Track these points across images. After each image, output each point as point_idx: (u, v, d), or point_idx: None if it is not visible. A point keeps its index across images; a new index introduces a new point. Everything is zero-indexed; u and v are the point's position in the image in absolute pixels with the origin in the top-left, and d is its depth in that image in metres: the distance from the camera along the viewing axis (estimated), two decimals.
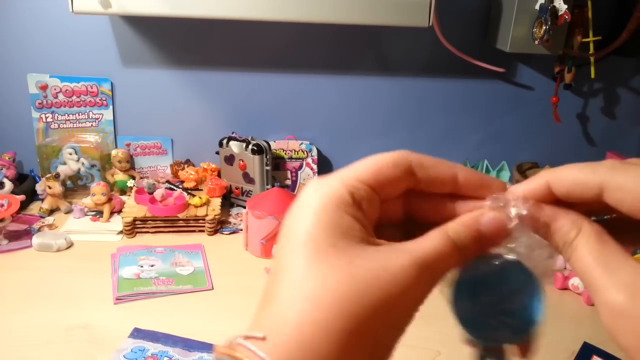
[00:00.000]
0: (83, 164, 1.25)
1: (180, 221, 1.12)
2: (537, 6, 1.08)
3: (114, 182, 1.26)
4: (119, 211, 1.16)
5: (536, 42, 1.09)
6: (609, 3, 1.20)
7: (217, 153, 1.26)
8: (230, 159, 1.24)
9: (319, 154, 1.33)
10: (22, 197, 1.08)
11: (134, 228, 1.11)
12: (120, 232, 1.11)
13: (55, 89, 1.23)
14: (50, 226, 1.13)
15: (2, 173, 1.18)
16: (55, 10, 1.16)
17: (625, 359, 0.25)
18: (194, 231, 1.13)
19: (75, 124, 1.27)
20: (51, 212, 1.18)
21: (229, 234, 1.14)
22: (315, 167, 1.31)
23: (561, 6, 1.05)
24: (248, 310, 0.27)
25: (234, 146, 1.21)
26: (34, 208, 1.19)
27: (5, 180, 1.15)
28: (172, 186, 1.21)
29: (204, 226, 1.12)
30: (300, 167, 1.31)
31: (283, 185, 1.30)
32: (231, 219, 1.20)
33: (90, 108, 1.26)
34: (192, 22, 1.19)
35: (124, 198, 1.21)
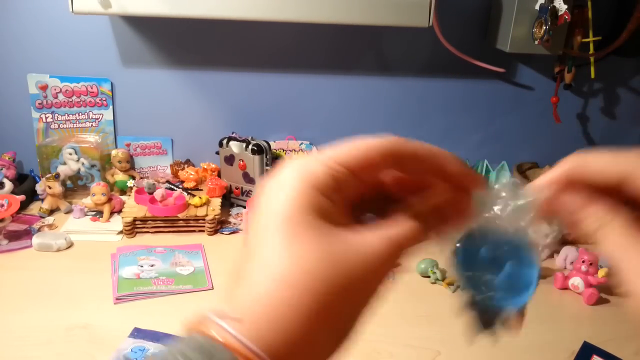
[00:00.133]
0: (83, 164, 1.25)
1: (180, 221, 1.12)
2: (537, 6, 1.08)
3: (114, 182, 1.26)
4: (119, 211, 1.16)
5: (536, 42, 1.09)
6: (609, 3, 1.20)
7: (217, 153, 1.26)
8: (230, 159, 1.24)
9: None
10: (22, 197, 1.08)
11: (134, 228, 1.11)
12: (120, 232, 1.11)
13: (55, 89, 1.23)
14: (50, 226, 1.13)
15: (2, 173, 1.18)
16: (55, 10, 1.16)
17: (627, 358, 0.25)
18: (194, 231, 1.13)
19: (75, 124, 1.27)
20: (51, 212, 1.18)
21: (229, 234, 1.14)
22: None
23: (561, 6, 1.05)
24: None
25: (234, 146, 1.21)
26: (34, 208, 1.19)
27: (5, 181, 1.15)
28: (172, 186, 1.21)
29: (204, 226, 1.12)
30: None
31: None
32: (231, 219, 1.20)
33: (90, 108, 1.26)
34: (192, 22, 1.19)
35: (124, 198, 1.21)
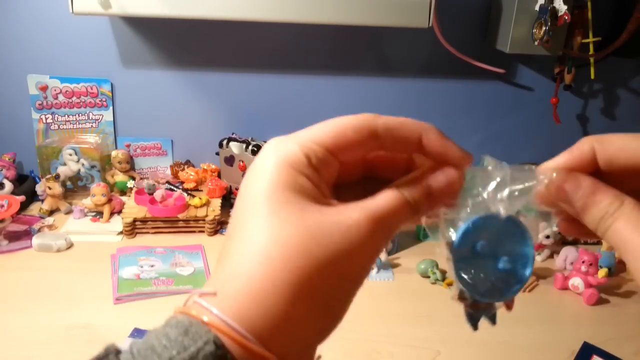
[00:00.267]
0: (83, 164, 1.25)
1: (180, 222, 1.12)
2: (537, 7, 1.08)
3: (114, 183, 1.26)
4: (119, 212, 1.16)
5: (536, 43, 1.09)
6: (609, 4, 1.20)
7: (217, 154, 1.26)
8: (230, 160, 1.24)
9: None
10: (22, 198, 1.08)
11: (134, 229, 1.11)
12: (120, 233, 1.11)
13: (55, 90, 1.23)
14: (50, 227, 1.13)
15: (2, 174, 1.18)
16: (55, 11, 1.16)
17: (627, 358, 0.24)
18: (194, 232, 1.13)
19: (75, 125, 1.27)
20: (51, 213, 1.18)
21: None
22: None
23: (561, 7, 1.05)
24: None
25: (234, 147, 1.21)
26: (34, 209, 1.19)
27: (5, 181, 1.15)
28: (172, 187, 1.21)
29: (204, 227, 1.12)
30: None
31: None
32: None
33: (90, 109, 1.26)
34: (192, 23, 1.19)
35: (124, 199, 1.21)
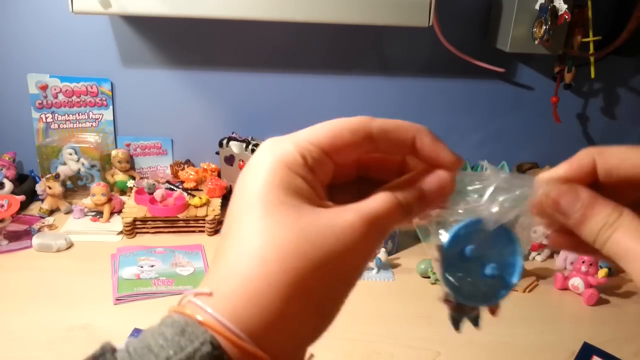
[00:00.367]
0: (83, 164, 1.25)
1: (180, 221, 1.12)
2: (537, 6, 1.08)
3: (114, 183, 1.26)
4: (119, 211, 1.16)
5: (536, 42, 1.09)
6: (609, 3, 1.20)
7: (217, 153, 1.26)
8: (230, 159, 1.24)
9: None
10: (22, 198, 1.08)
11: (134, 228, 1.11)
12: (120, 233, 1.11)
13: (55, 89, 1.23)
14: (50, 226, 1.13)
15: (2, 173, 1.18)
16: (55, 10, 1.16)
17: (627, 358, 0.24)
18: (194, 231, 1.13)
19: (75, 124, 1.27)
20: (51, 213, 1.18)
21: None
22: None
23: (561, 6, 1.05)
24: None
25: (234, 146, 1.21)
26: (34, 208, 1.19)
27: (5, 181, 1.15)
28: (172, 186, 1.21)
29: (204, 226, 1.12)
30: None
31: None
32: None
33: (90, 108, 1.26)
34: (192, 22, 1.19)
35: (124, 198, 1.21)
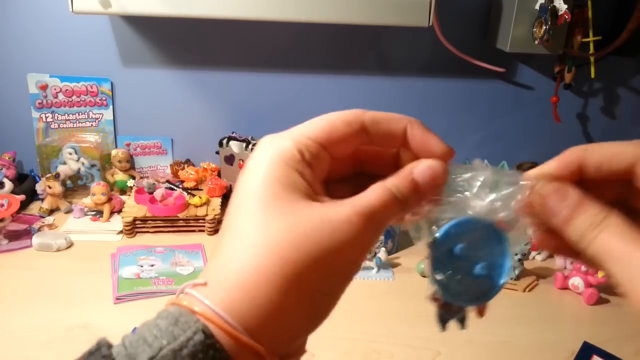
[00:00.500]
0: (83, 163, 1.25)
1: (180, 221, 1.12)
2: (537, 6, 1.08)
3: (114, 182, 1.26)
4: (119, 211, 1.16)
5: (536, 42, 1.09)
6: (609, 3, 1.20)
7: (217, 153, 1.26)
8: (230, 159, 1.24)
9: None
10: (22, 197, 1.08)
11: (134, 228, 1.11)
12: (120, 232, 1.11)
13: (55, 89, 1.23)
14: (50, 226, 1.13)
15: (2, 173, 1.18)
16: (55, 10, 1.16)
17: (627, 358, 0.24)
18: (194, 231, 1.13)
19: (75, 124, 1.27)
20: (51, 212, 1.18)
21: None
22: None
23: (561, 6, 1.05)
24: None
25: (234, 146, 1.21)
26: (34, 208, 1.19)
27: (5, 180, 1.15)
28: (172, 186, 1.21)
29: (204, 226, 1.12)
30: None
31: None
32: None
33: (90, 108, 1.26)
34: (192, 22, 1.19)
35: (124, 198, 1.21)
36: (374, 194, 0.28)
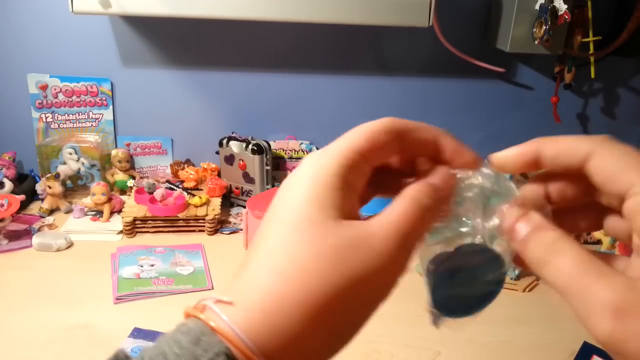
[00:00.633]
0: (83, 163, 1.25)
1: (180, 221, 1.12)
2: (537, 6, 1.08)
3: (114, 182, 1.26)
4: (119, 211, 1.16)
5: (536, 42, 1.09)
6: (609, 3, 1.20)
7: (217, 153, 1.26)
8: (230, 159, 1.24)
9: None
10: (22, 197, 1.08)
11: (134, 228, 1.11)
12: (120, 232, 1.11)
13: (55, 89, 1.23)
14: (50, 226, 1.13)
15: (2, 173, 1.18)
16: (55, 10, 1.16)
17: None
18: (194, 231, 1.13)
19: (75, 124, 1.27)
20: (51, 212, 1.18)
21: (229, 233, 1.14)
22: None
23: (561, 6, 1.05)
24: None
25: (234, 146, 1.21)
26: (34, 208, 1.19)
27: (5, 180, 1.15)
28: (172, 186, 1.21)
29: (204, 226, 1.12)
30: None
31: None
32: (231, 219, 1.20)
33: (90, 108, 1.26)
34: (192, 22, 1.19)
35: (124, 198, 1.21)
36: (401, 208, 0.28)
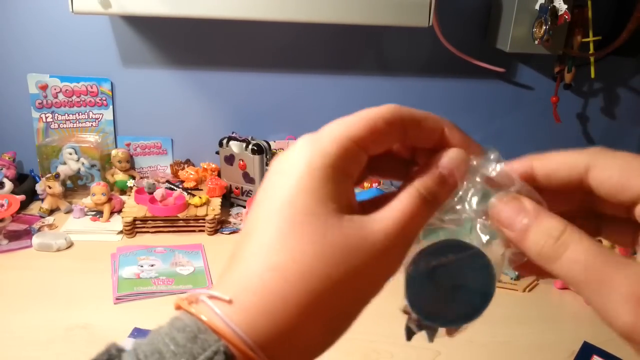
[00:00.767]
0: (83, 163, 1.25)
1: (180, 221, 1.12)
2: (537, 6, 1.08)
3: (114, 182, 1.26)
4: (119, 211, 1.16)
5: (536, 42, 1.09)
6: (609, 3, 1.20)
7: (217, 153, 1.26)
8: (230, 159, 1.24)
9: None
10: (22, 197, 1.08)
11: (134, 228, 1.11)
12: (120, 232, 1.11)
13: (55, 89, 1.23)
14: (50, 226, 1.13)
15: (2, 173, 1.18)
16: (55, 10, 1.16)
17: (627, 358, 0.23)
18: (194, 231, 1.13)
19: (75, 124, 1.27)
20: (51, 212, 1.18)
21: (229, 233, 1.14)
22: None
23: (561, 6, 1.05)
24: None
25: (234, 146, 1.21)
26: (34, 208, 1.19)
27: (5, 180, 1.15)
28: (172, 186, 1.21)
29: (204, 226, 1.12)
30: None
31: None
32: (231, 219, 1.20)
33: (90, 108, 1.26)
34: (193, 22, 1.19)
35: (124, 198, 1.21)
36: (404, 204, 0.27)
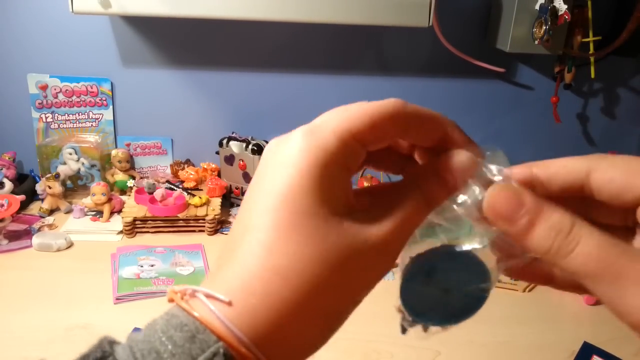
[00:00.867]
0: (83, 164, 1.25)
1: (180, 221, 1.12)
2: (537, 6, 1.08)
3: (114, 182, 1.26)
4: (119, 211, 1.16)
5: (536, 42, 1.09)
6: (609, 3, 1.20)
7: (217, 153, 1.26)
8: (230, 159, 1.24)
9: None
10: (22, 197, 1.08)
11: (134, 228, 1.11)
12: (120, 232, 1.11)
13: (55, 89, 1.23)
14: (50, 226, 1.13)
15: (2, 173, 1.18)
16: (55, 10, 1.16)
17: (627, 358, 0.23)
18: (194, 231, 1.13)
19: (75, 124, 1.27)
20: (51, 212, 1.18)
21: None
22: None
23: (561, 6, 1.05)
24: None
25: (234, 146, 1.21)
26: (34, 208, 1.19)
27: (5, 180, 1.15)
28: (172, 186, 1.21)
29: (204, 226, 1.12)
30: None
31: None
32: (231, 219, 1.20)
33: (90, 108, 1.26)
34: (192, 22, 1.19)
35: (124, 198, 1.21)
36: (410, 210, 0.27)
